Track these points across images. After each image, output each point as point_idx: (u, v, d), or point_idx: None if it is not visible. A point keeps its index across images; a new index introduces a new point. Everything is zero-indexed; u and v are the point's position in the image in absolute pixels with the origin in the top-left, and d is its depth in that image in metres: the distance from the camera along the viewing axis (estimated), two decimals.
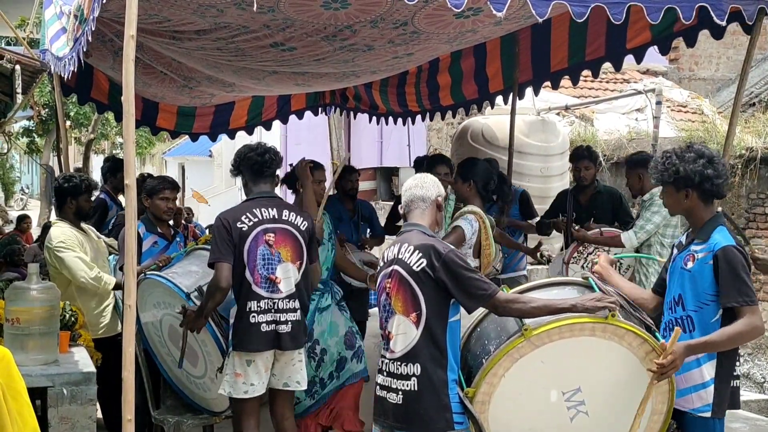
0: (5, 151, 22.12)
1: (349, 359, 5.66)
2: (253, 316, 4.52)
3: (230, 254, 4.49)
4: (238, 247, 4.52)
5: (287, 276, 4.61)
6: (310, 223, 4.80)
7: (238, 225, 4.53)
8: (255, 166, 4.70)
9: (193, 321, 4.58)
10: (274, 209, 4.65)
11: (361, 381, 5.64)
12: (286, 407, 4.78)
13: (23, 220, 14.33)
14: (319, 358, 5.56)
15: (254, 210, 4.60)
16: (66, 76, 5.10)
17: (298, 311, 4.65)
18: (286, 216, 4.67)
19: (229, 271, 4.48)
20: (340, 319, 5.70)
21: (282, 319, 4.57)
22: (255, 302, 4.53)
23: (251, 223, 4.56)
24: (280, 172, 5.24)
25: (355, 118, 10.63)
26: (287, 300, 4.60)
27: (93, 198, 6.19)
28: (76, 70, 4.81)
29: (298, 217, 4.72)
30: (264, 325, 4.53)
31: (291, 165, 5.91)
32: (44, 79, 8.66)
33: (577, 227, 6.36)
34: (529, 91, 7.72)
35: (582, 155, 6.78)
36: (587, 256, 6.26)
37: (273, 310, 4.55)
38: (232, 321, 4.61)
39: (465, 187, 5.57)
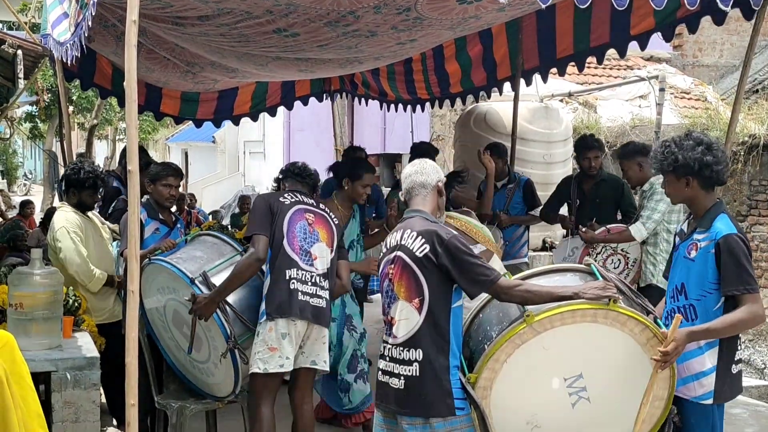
0: (8, 136, 22.13)
1: None
2: (293, 283, 4.59)
3: (268, 229, 4.62)
4: (278, 217, 4.65)
5: (323, 256, 4.74)
6: (339, 221, 5.00)
7: (280, 199, 4.74)
8: (297, 175, 4.98)
9: (204, 306, 4.59)
10: (311, 199, 4.91)
11: None
12: (307, 390, 4.82)
13: (26, 205, 14.35)
14: (359, 334, 5.72)
15: (294, 193, 4.85)
16: (69, 62, 5.10)
17: (329, 292, 4.75)
18: (321, 206, 4.90)
19: (266, 244, 4.59)
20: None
21: (319, 293, 4.67)
22: (294, 270, 4.61)
23: (293, 200, 4.77)
24: None
25: (367, 104, 10.63)
26: (322, 277, 4.71)
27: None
28: (78, 54, 4.81)
29: (331, 212, 4.94)
30: (301, 294, 4.60)
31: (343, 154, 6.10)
32: (47, 64, 8.65)
33: (584, 229, 6.28)
34: (532, 77, 7.71)
35: (591, 145, 6.71)
36: (596, 256, 6.23)
37: (310, 283, 4.64)
38: (265, 291, 4.64)
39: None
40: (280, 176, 5.10)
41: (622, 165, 6.31)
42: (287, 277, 4.59)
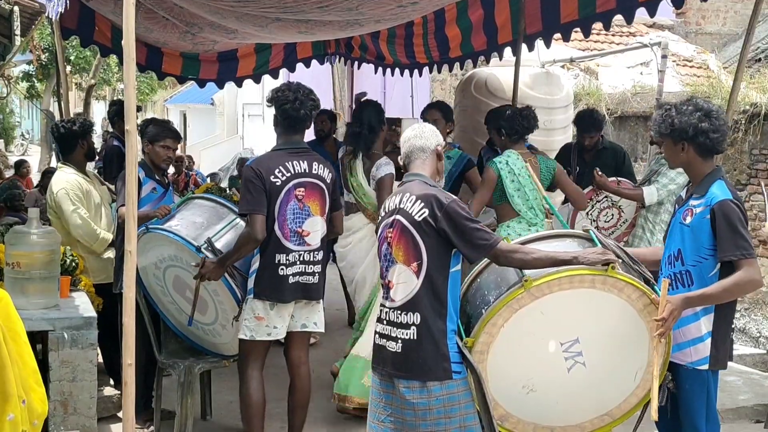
0: (5, 95, 21.98)
1: None
2: (282, 269, 4.57)
3: (264, 206, 4.52)
4: (271, 199, 4.55)
5: (315, 230, 4.68)
6: (335, 174, 4.87)
7: (272, 179, 4.55)
8: (288, 121, 4.72)
9: (213, 270, 4.60)
10: (305, 162, 4.68)
11: None
12: (303, 351, 4.84)
13: (22, 165, 14.36)
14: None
15: (287, 163, 4.62)
16: (54, 17, 5.01)
17: (321, 264, 4.74)
18: (315, 169, 4.70)
19: (263, 223, 4.51)
20: None
21: (309, 270, 4.66)
22: (284, 255, 4.58)
23: (284, 177, 4.58)
24: None
25: (359, 68, 10.54)
26: (315, 252, 4.68)
27: (102, 145, 6.20)
28: (62, 10, 4.71)
29: (326, 169, 4.76)
30: (291, 277, 4.60)
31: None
32: (44, 22, 8.56)
33: (600, 173, 6.26)
34: (534, 42, 7.63)
35: (588, 128, 6.67)
36: (595, 204, 6.20)
37: (300, 262, 4.62)
38: (253, 268, 4.63)
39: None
40: (272, 107, 4.79)
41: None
42: (276, 262, 4.57)
